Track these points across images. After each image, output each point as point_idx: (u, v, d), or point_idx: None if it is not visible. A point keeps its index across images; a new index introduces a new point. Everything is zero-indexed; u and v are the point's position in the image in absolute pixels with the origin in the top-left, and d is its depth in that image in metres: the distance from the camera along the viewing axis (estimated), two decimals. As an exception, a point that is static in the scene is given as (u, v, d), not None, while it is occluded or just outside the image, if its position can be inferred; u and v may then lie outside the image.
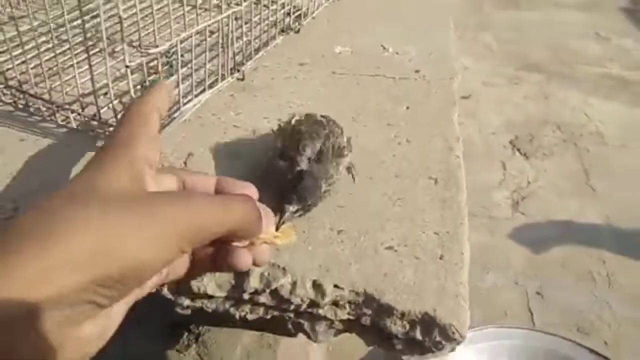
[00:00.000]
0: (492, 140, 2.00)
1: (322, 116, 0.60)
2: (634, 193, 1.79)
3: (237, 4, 0.64)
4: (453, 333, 0.47)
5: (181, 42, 0.55)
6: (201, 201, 0.29)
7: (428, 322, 0.48)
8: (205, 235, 0.29)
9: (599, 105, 2.41)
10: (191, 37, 0.57)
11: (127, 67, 0.51)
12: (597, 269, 1.51)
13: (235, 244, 0.33)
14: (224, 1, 0.62)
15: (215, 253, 0.33)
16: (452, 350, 0.49)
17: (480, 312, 1.31)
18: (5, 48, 0.66)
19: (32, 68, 0.64)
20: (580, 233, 1.64)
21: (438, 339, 0.48)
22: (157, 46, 0.54)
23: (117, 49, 0.77)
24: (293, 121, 0.59)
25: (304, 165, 0.53)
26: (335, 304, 0.50)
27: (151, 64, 0.70)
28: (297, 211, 0.51)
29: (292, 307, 0.50)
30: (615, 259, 1.54)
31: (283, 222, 0.49)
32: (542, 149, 2.02)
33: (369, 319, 0.50)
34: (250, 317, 0.53)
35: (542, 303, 1.40)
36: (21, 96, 0.64)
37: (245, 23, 0.74)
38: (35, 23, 0.64)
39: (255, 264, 0.34)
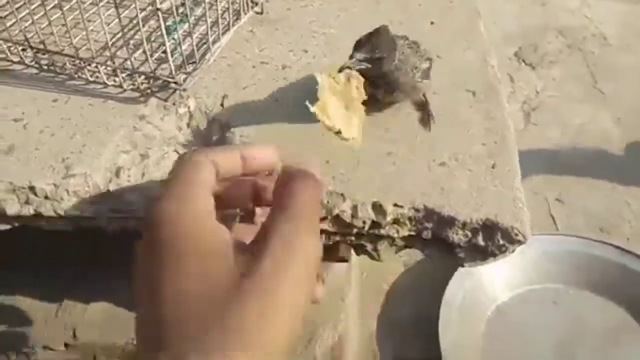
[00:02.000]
0: (497, 54, 1.97)
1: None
2: (642, 93, 1.79)
3: None
4: (516, 235, 0.49)
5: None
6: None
7: (490, 228, 0.49)
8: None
9: (598, 6, 2.35)
10: (214, -29, 0.54)
11: (157, 9, 0.49)
12: (612, 170, 1.53)
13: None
14: None
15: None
16: (513, 252, 0.51)
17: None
18: (10, 10, 0.64)
19: (45, 25, 0.63)
20: (593, 138, 1.65)
21: (501, 242, 0.50)
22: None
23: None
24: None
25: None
26: (396, 222, 0.51)
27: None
28: (364, 60, 0.49)
29: (355, 230, 0.52)
30: (629, 160, 1.56)
31: (349, 67, 0.47)
32: (548, 57, 1.99)
33: (430, 233, 0.51)
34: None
35: (563, 209, 1.43)
36: (44, 55, 0.63)
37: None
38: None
39: None
